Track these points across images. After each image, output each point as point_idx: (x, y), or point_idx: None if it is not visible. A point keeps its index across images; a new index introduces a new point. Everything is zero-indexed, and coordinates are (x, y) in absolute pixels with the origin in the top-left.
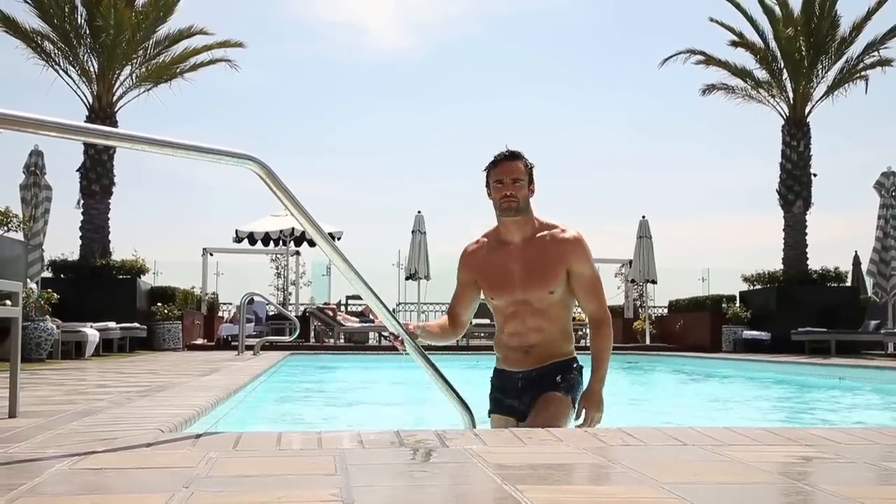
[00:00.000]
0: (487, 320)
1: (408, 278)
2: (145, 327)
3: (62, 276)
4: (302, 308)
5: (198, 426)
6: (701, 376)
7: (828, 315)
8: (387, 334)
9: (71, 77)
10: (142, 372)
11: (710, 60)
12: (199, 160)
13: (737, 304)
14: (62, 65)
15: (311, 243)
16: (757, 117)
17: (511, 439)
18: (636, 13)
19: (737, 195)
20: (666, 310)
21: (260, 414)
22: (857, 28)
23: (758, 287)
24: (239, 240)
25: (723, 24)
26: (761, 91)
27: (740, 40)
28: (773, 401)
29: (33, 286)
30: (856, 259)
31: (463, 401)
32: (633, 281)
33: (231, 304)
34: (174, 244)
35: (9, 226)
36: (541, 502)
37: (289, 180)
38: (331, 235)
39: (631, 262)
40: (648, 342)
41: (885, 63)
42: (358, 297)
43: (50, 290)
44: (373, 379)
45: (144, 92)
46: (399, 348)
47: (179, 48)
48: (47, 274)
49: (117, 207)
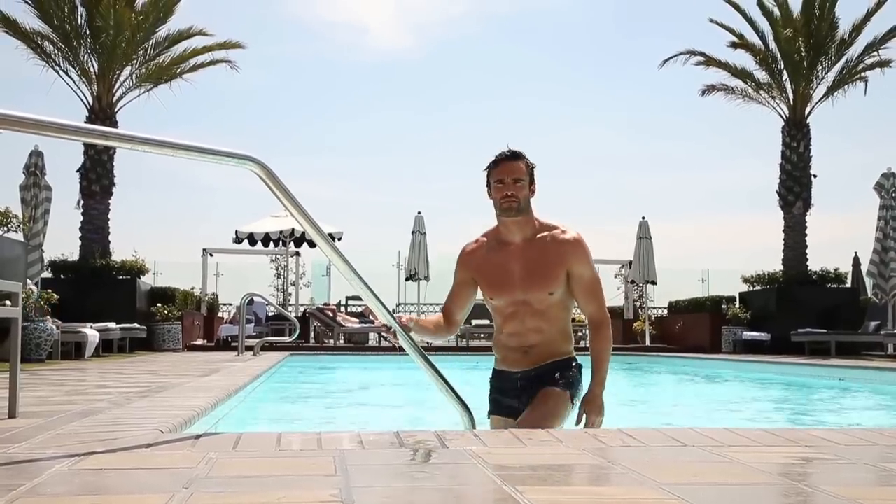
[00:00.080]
0: (487, 321)
1: (408, 279)
2: (145, 328)
3: (62, 276)
4: (302, 309)
5: (198, 427)
6: (701, 377)
7: (828, 316)
8: (386, 334)
9: (71, 77)
10: (142, 372)
11: (711, 61)
12: (199, 161)
13: (736, 305)
14: (62, 65)
15: (311, 244)
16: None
17: (511, 440)
18: (636, 13)
19: (737, 196)
20: (666, 311)
21: (260, 414)
22: (857, 29)
23: (758, 288)
24: (239, 240)
25: (723, 24)
26: (761, 92)
27: (740, 41)
28: (773, 402)
29: (33, 286)
30: (856, 260)
31: (462, 401)
32: (632, 282)
33: (231, 304)
34: (174, 245)
35: (9, 226)
36: (541, 503)
37: (289, 180)
38: (331, 236)
39: (631, 262)
40: (648, 343)
41: (884, 64)
42: (358, 298)
43: (50, 291)
44: (372, 379)
45: (144, 93)
46: (391, 340)
47: (179, 49)
48: (47, 274)
49: (117, 208)
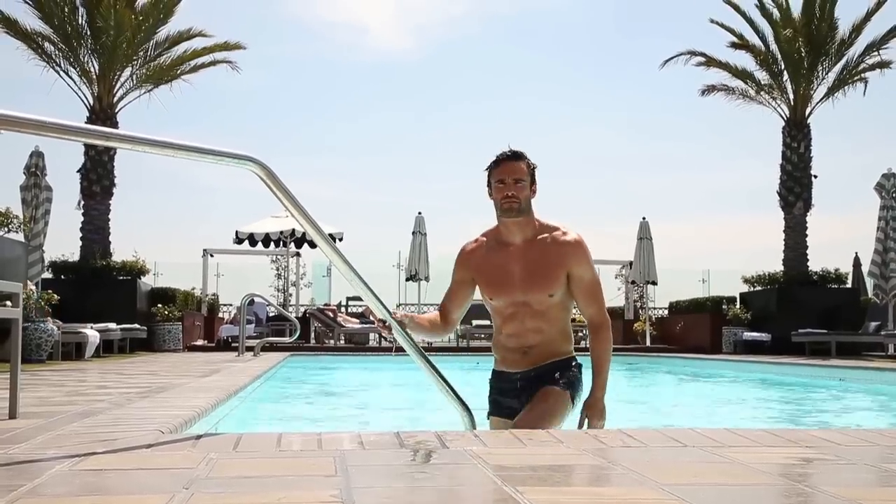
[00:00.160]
0: (487, 321)
1: (408, 279)
2: (145, 328)
3: (62, 276)
4: (302, 309)
5: (198, 427)
6: (701, 378)
7: (828, 316)
8: (384, 333)
9: (71, 78)
10: (142, 373)
11: (711, 62)
12: (199, 161)
13: (737, 306)
14: (63, 66)
15: (311, 244)
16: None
17: (511, 440)
18: (636, 13)
19: (737, 196)
20: (666, 311)
21: (260, 415)
22: (857, 29)
23: (758, 288)
24: (239, 241)
25: (723, 25)
26: (762, 93)
27: (740, 42)
28: (774, 402)
29: (33, 287)
30: (856, 260)
31: (462, 401)
32: (633, 282)
33: (231, 305)
34: (174, 245)
35: (9, 227)
36: (541, 503)
37: (289, 181)
38: (331, 236)
39: (631, 263)
40: (649, 343)
41: (884, 65)
42: (358, 299)
43: (50, 291)
44: (373, 380)
45: (145, 93)
46: (385, 335)
47: (180, 49)
48: (48, 275)
49: (118, 208)
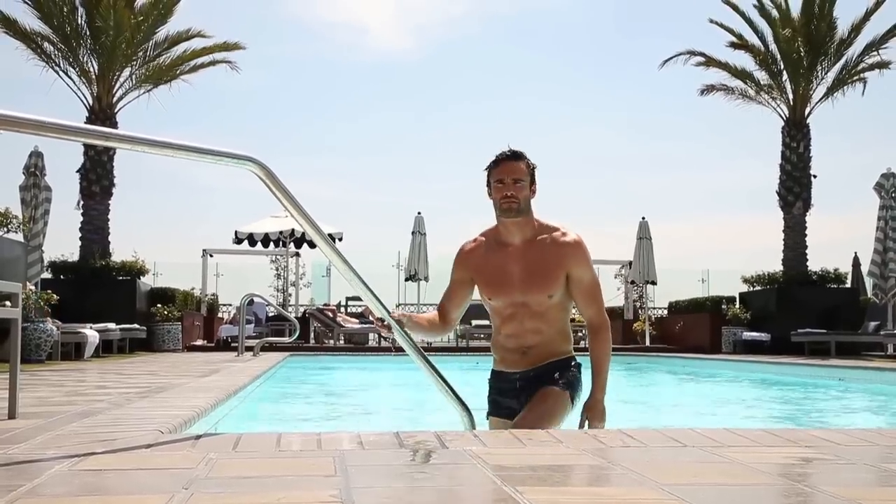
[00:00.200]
0: (487, 321)
1: (407, 279)
2: (145, 328)
3: (62, 277)
4: (302, 309)
5: (198, 427)
6: (701, 377)
7: (827, 316)
8: (383, 332)
9: (71, 78)
10: (141, 373)
11: (711, 62)
12: (198, 161)
13: (736, 306)
14: (62, 66)
15: (311, 244)
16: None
17: (511, 440)
18: (636, 13)
19: (737, 196)
20: (666, 311)
21: (260, 415)
22: (856, 29)
23: (757, 288)
24: (239, 241)
25: (722, 25)
26: (761, 93)
27: (739, 42)
28: (773, 402)
29: (33, 287)
30: (855, 260)
31: (462, 401)
32: (632, 282)
33: (231, 305)
34: (174, 245)
35: (8, 227)
36: (540, 503)
37: (288, 181)
38: (331, 237)
39: (631, 263)
40: (648, 343)
41: (883, 65)
42: (357, 299)
43: (49, 291)
44: (372, 380)
45: (144, 93)
46: (385, 334)
47: (179, 50)
48: (47, 275)
49: (117, 208)
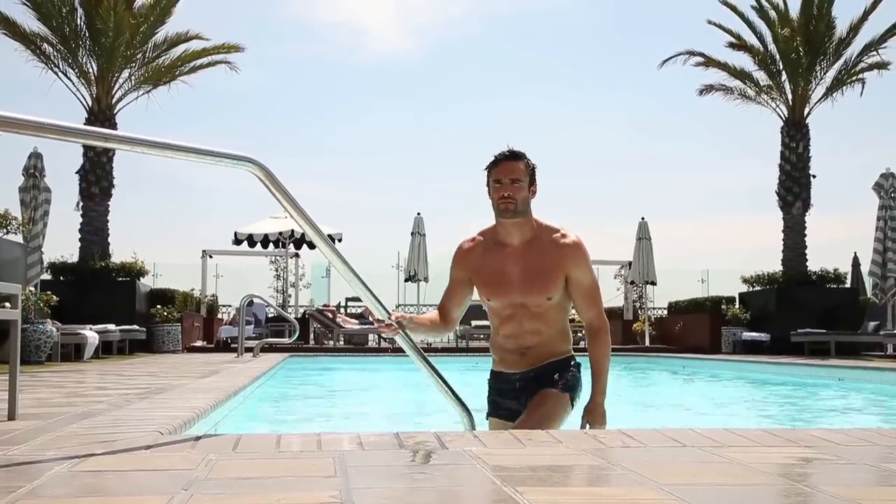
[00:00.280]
0: (487, 322)
1: (407, 280)
2: (145, 329)
3: (61, 278)
4: (301, 310)
5: (197, 428)
6: (700, 378)
7: (827, 316)
8: (386, 334)
9: (70, 79)
10: (141, 374)
11: (710, 62)
12: (198, 162)
13: (736, 306)
14: (61, 67)
15: (310, 245)
16: (756, 118)
17: (510, 441)
18: (636, 14)
19: (736, 196)
20: (665, 311)
21: (259, 416)
22: (854, 28)
23: (757, 288)
24: (238, 242)
25: (720, 26)
26: (761, 93)
27: (738, 42)
28: (773, 402)
29: (32, 288)
30: (855, 260)
31: (462, 402)
32: (632, 282)
33: (230, 306)
34: (173, 246)
35: (8, 228)
36: None
37: (288, 182)
38: (330, 237)
39: (630, 263)
40: (648, 343)
41: (882, 66)
42: (357, 299)
43: (49, 293)
44: (372, 380)
45: (143, 94)
46: (385, 334)
47: (178, 51)
48: (46, 276)
49: (116, 210)
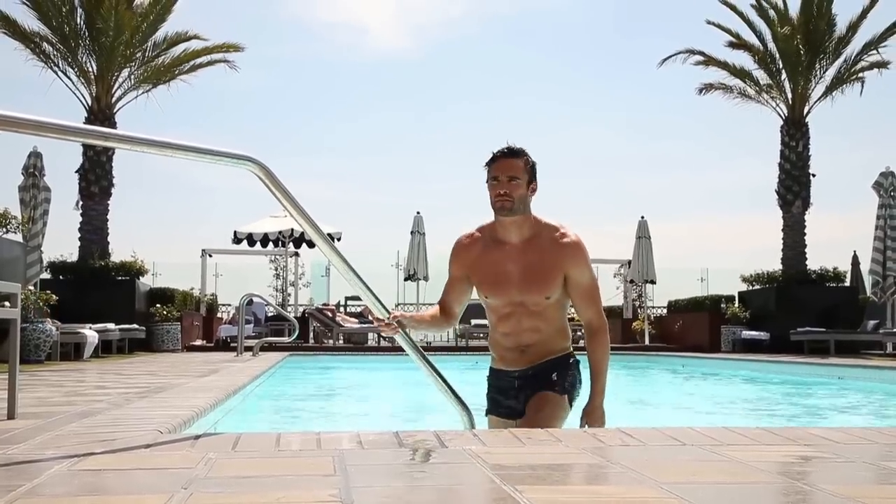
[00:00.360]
0: (486, 321)
1: (407, 279)
2: (144, 328)
3: (61, 277)
4: (301, 309)
5: (197, 427)
6: (700, 376)
7: (827, 315)
8: (386, 332)
9: (70, 78)
10: (141, 373)
11: (710, 61)
12: (198, 161)
13: (736, 305)
14: (61, 66)
15: (310, 244)
16: (756, 118)
17: (510, 440)
18: (636, 14)
19: (736, 195)
20: (665, 310)
21: (259, 415)
22: (854, 27)
23: (757, 287)
24: (238, 241)
25: (720, 25)
26: (761, 92)
27: (738, 41)
28: (772, 401)
29: (32, 287)
30: (854, 259)
31: (461, 400)
32: (631, 281)
33: (230, 305)
34: (173, 245)
35: (7, 227)
36: (539, 502)
37: (288, 181)
38: (330, 236)
39: (630, 262)
40: (647, 342)
41: (881, 65)
42: (357, 298)
43: (49, 292)
44: (372, 379)
45: (143, 94)
46: (385, 332)
47: (178, 50)
48: (46, 275)
49: (116, 209)
